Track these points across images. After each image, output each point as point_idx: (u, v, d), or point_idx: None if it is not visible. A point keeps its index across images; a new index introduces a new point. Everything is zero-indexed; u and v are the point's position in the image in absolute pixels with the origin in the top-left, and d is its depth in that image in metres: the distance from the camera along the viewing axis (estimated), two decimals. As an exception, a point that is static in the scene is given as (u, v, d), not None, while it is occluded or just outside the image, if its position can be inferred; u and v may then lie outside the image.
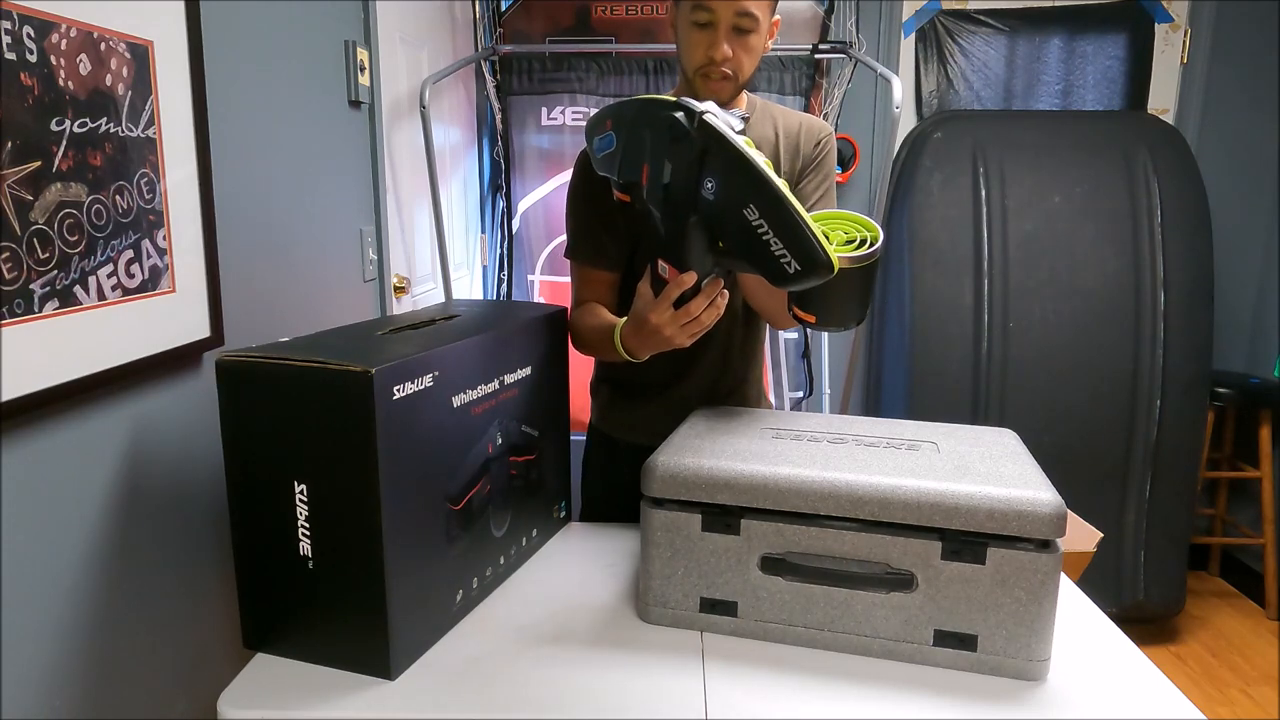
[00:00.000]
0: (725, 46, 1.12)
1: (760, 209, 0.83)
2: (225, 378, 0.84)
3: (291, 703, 0.82)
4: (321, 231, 1.55)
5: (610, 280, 1.28)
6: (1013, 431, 1.06)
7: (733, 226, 0.86)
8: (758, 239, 0.84)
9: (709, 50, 1.12)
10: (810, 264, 0.83)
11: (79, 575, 0.92)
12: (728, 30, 1.11)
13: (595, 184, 1.20)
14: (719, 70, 1.14)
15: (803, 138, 1.26)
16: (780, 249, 0.83)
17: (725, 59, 1.12)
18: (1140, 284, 2.44)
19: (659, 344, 1.03)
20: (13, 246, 0.78)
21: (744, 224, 0.84)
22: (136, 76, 0.95)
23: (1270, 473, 2.64)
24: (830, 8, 2.65)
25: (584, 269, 1.28)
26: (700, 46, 1.13)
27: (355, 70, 1.66)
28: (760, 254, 0.85)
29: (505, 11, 2.67)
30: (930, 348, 2.48)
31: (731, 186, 0.85)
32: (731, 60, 1.13)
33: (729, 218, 0.86)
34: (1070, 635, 0.93)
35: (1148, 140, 2.51)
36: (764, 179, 0.83)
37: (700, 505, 0.91)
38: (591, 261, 1.27)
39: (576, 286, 1.30)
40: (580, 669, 0.87)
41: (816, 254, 0.82)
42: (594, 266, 1.27)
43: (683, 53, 1.18)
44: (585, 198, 1.26)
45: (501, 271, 2.81)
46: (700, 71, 1.15)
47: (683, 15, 1.15)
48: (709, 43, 1.12)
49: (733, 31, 1.12)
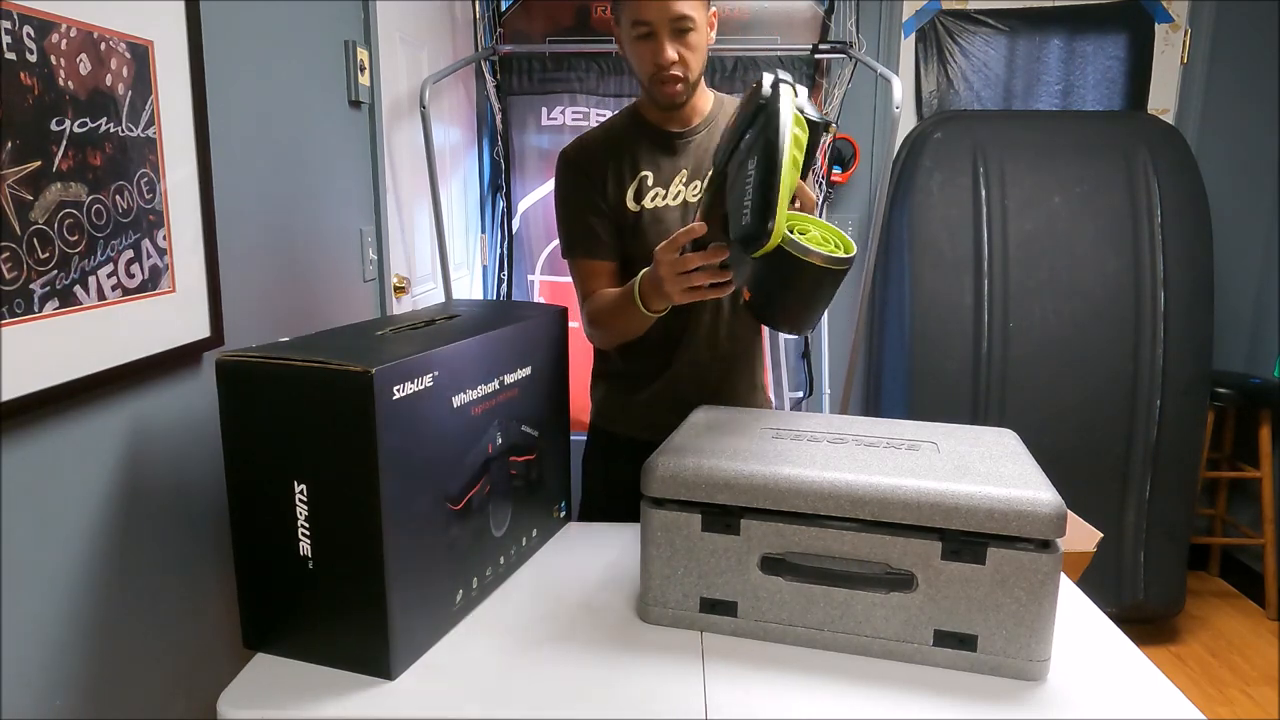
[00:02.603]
0: (669, 51, 1.19)
1: (759, 162, 0.88)
2: (225, 378, 0.84)
3: (291, 703, 0.82)
4: (321, 231, 1.55)
5: (610, 269, 1.31)
6: (1013, 431, 1.06)
7: (735, 174, 0.92)
8: (742, 186, 0.90)
9: (655, 58, 1.20)
10: (760, 222, 0.87)
11: (79, 575, 0.92)
12: (668, 36, 1.18)
13: (578, 176, 1.29)
14: (669, 74, 1.20)
15: None
16: (748, 200, 0.88)
17: (671, 63, 1.19)
18: (1140, 284, 2.44)
19: (660, 290, 1.07)
20: (13, 246, 0.78)
21: (744, 172, 0.90)
22: (136, 76, 0.95)
23: (1270, 473, 2.64)
24: (830, 8, 2.65)
25: (583, 263, 1.31)
26: (646, 57, 1.21)
27: (355, 70, 1.66)
28: (736, 200, 0.90)
29: (505, 11, 2.67)
30: (930, 348, 2.48)
31: (756, 141, 0.91)
32: (678, 62, 1.20)
33: (737, 167, 0.92)
34: (1070, 635, 0.93)
35: (1148, 140, 2.51)
36: (777, 143, 0.88)
37: (700, 505, 0.91)
38: (589, 253, 1.30)
39: (581, 282, 1.32)
40: (580, 669, 0.87)
41: (768, 217, 0.87)
42: (591, 257, 1.30)
43: (634, 66, 1.25)
44: (571, 192, 1.31)
45: (501, 271, 2.81)
46: (653, 79, 1.22)
47: (624, 33, 1.22)
48: (653, 51, 1.20)
49: (673, 35, 1.19)
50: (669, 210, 1.29)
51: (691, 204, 1.30)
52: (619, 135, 1.32)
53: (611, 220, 1.29)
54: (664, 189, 1.29)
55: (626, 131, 1.32)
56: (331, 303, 1.60)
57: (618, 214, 1.29)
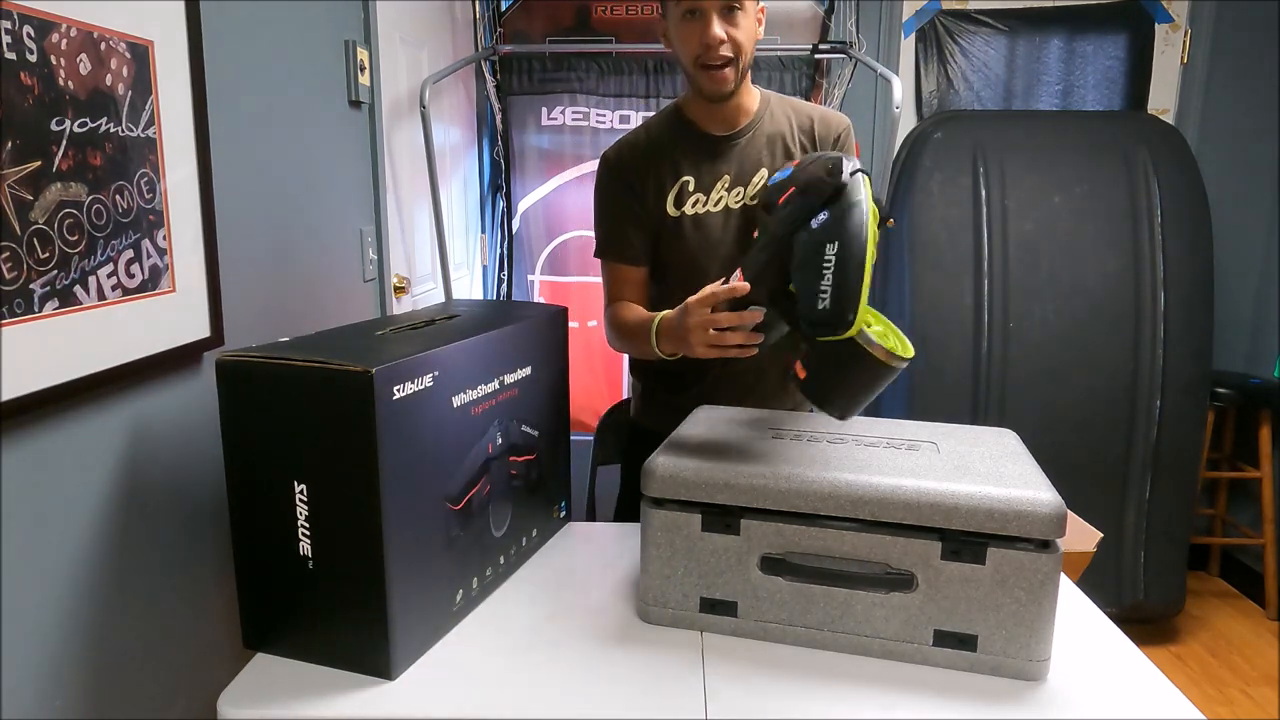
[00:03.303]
0: (717, 28, 1.15)
1: (841, 248, 0.90)
2: (225, 378, 0.84)
3: (291, 703, 0.82)
4: (321, 231, 1.55)
5: (639, 277, 1.31)
6: (1013, 431, 1.06)
7: (809, 253, 0.92)
8: (816, 269, 0.90)
9: (702, 37, 1.16)
10: (839, 309, 0.88)
11: (79, 575, 0.92)
12: (717, 14, 1.15)
13: (617, 182, 1.28)
14: (718, 55, 1.17)
15: (818, 130, 1.30)
16: (827, 285, 0.89)
17: (720, 41, 1.16)
18: (1140, 284, 2.44)
19: (682, 339, 1.06)
20: (13, 246, 0.78)
21: (818, 254, 0.91)
22: (136, 76, 0.95)
23: (1270, 473, 2.64)
24: (830, 8, 2.65)
25: (613, 266, 1.32)
26: (694, 36, 1.17)
27: (355, 70, 1.66)
28: (809, 282, 0.91)
29: (505, 11, 2.67)
30: (930, 348, 2.48)
31: (835, 225, 0.92)
32: (727, 42, 1.17)
33: (812, 246, 0.92)
34: (1070, 635, 0.93)
35: (1148, 140, 2.51)
36: (862, 234, 0.90)
37: (700, 505, 0.91)
38: (619, 257, 1.31)
39: (610, 284, 1.33)
40: (580, 669, 0.87)
41: (849, 305, 0.88)
42: (621, 261, 1.31)
43: (680, 50, 1.21)
44: (609, 195, 1.31)
45: (501, 271, 2.81)
46: (699, 61, 1.19)
47: (672, 15, 1.20)
48: (701, 29, 1.16)
49: (721, 14, 1.16)
50: (711, 216, 1.27)
51: (734, 210, 1.27)
52: (660, 138, 1.30)
53: (649, 226, 1.28)
54: (705, 195, 1.27)
55: (668, 134, 1.29)
56: (331, 303, 1.60)
57: (657, 219, 1.28)
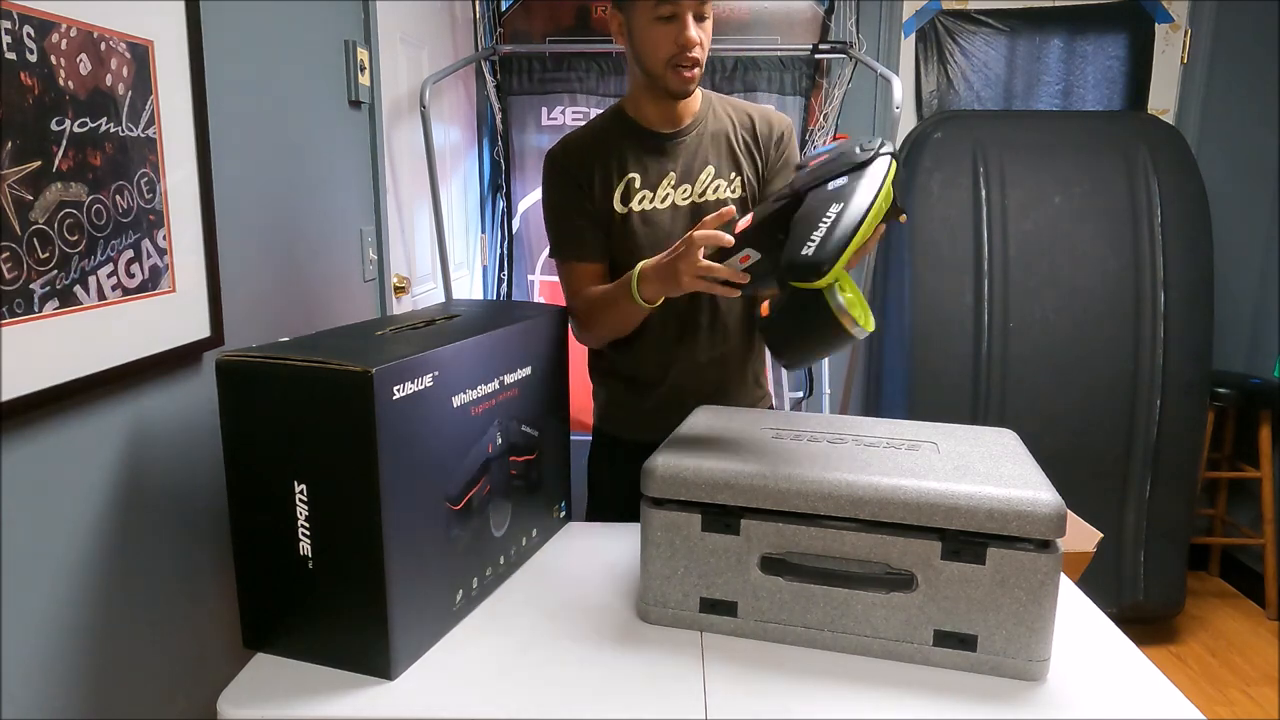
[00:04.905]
0: (693, 31, 1.18)
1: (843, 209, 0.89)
2: (225, 378, 0.84)
3: (291, 703, 0.82)
4: (321, 231, 1.55)
5: (599, 271, 1.31)
6: (1013, 431, 1.06)
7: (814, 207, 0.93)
8: (813, 223, 0.90)
9: (678, 38, 1.18)
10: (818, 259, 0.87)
11: (79, 575, 0.92)
12: (691, 19, 1.18)
13: (563, 178, 1.29)
14: (689, 58, 1.19)
15: (759, 128, 1.32)
16: (816, 236, 0.88)
17: (694, 45, 1.18)
18: (1140, 284, 2.44)
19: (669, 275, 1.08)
20: (13, 246, 0.78)
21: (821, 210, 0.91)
22: (136, 76, 0.95)
23: (1270, 473, 2.64)
24: (830, 8, 2.65)
25: (570, 265, 1.32)
26: (668, 38, 1.19)
27: (355, 70, 1.66)
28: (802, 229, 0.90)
29: (505, 11, 2.67)
30: (930, 348, 2.48)
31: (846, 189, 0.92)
32: (699, 46, 1.19)
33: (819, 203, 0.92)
34: (1070, 635, 0.93)
35: (1148, 140, 2.51)
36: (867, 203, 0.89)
37: (700, 505, 0.91)
38: (576, 255, 1.31)
39: (568, 283, 1.33)
40: (580, 669, 0.87)
41: (828, 258, 0.87)
42: (579, 260, 1.30)
43: (646, 51, 1.22)
44: (557, 194, 1.31)
45: (501, 271, 2.81)
46: (672, 63, 1.20)
47: (641, 15, 1.20)
48: (676, 33, 1.18)
49: (696, 18, 1.18)
50: (658, 213, 1.28)
51: (682, 207, 1.29)
52: (605, 136, 1.31)
53: (602, 222, 1.29)
54: (651, 192, 1.28)
55: (613, 132, 1.31)
56: (331, 303, 1.60)
57: (604, 216, 1.29)
